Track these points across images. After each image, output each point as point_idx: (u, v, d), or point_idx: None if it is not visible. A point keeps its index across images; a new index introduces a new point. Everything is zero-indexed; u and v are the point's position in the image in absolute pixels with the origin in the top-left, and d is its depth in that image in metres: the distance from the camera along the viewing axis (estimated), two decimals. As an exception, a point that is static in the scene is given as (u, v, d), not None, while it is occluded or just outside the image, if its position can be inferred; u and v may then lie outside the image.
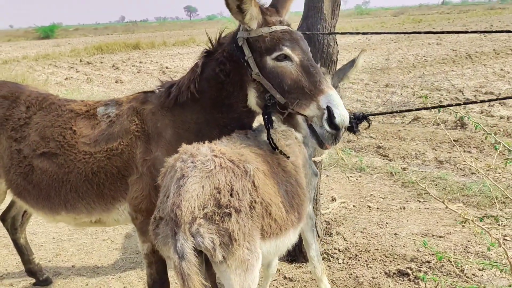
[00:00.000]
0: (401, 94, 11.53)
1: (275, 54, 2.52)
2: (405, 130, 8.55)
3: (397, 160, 6.90)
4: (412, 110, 3.31)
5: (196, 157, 2.40)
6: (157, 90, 3.00)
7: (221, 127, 2.83)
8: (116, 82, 16.88)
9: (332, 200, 5.32)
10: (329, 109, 2.37)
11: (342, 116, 2.36)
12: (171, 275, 2.90)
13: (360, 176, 6.26)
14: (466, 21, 38.43)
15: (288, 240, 2.76)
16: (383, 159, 7.03)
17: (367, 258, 4.10)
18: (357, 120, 2.84)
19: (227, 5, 2.55)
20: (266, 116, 2.64)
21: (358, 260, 4.09)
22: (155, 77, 16.95)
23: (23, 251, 4.07)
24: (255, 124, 3.07)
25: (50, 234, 5.23)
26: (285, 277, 4.02)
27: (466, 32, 2.67)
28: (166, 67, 19.85)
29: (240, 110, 2.78)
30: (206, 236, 2.23)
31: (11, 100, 3.26)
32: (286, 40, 2.52)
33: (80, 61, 24.89)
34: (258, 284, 3.95)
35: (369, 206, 5.14)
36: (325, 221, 4.79)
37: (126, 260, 4.59)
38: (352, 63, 3.39)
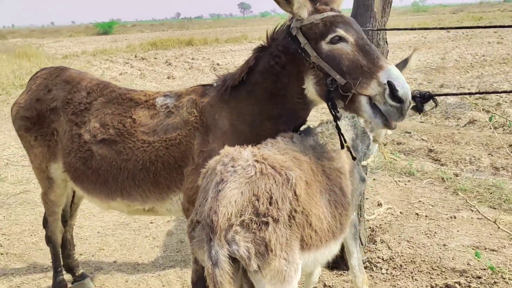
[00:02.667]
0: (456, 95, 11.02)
1: (329, 37, 2.53)
2: (459, 133, 8.15)
3: (449, 165, 6.58)
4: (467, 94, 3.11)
5: (237, 162, 2.34)
6: (215, 84, 3.03)
7: (275, 118, 2.83)
8: (168, 78, 17.15)
9: (378, 205, 5.12)
10: (389, 83, 2.35)
11: (404, 88, 2.34)
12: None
13: (409, 181, 6.00)
14: (531, 18, 36.46)
15: (329, 252, 2.66)
16: (435, 163, 6.72)
17: (413, 269, 3.89)
18: (422, 99, 2.80)
19: None
20: (329, 103, 2.59)
21: (403, 271, 3.89)
22: (206, 74, 17.12)
23: (66, 245, 4.10)
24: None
25: (96, 228, 5.33)
26: (325, 285, 3.89)
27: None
28: (218, 64, 19.98)
29: (295, 101, 2.77)
30: (241, 244, 2.17)
31: (72, 85, 3.35)
32: (339, 23, 2.54)
33: (135, 56, 25.52)
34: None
35: (417, 214, 4.89)
36: (369, 227, 4.60)
37: (166, 258, 4.60)
38: (404, 62, 3.23)
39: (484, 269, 3.79)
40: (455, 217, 4.77)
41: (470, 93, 3.62)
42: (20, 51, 22.07)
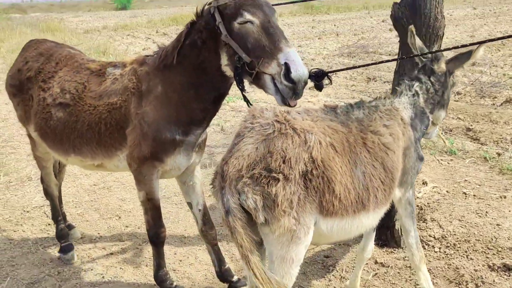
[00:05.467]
0: (490, 73, 10.77)
1: (239, 19, 2.74)
2: (497, 112, 7.98)
3: (490, 145, 6.46)
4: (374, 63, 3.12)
5: (257, 119, 2.45)
6: (154, 55, 3.30)
7: (197, 87, 3.06)
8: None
9: (423, 184, 5.04)
10: (286, 65, 2.55)
11: (298, 70, 2.53)
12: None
13: (452, 160, 5.91)
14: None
15: (359, 224, 2.67)
16: (475, 143, 6.59)
17: (467, 248, 3.85)
18: (317, 77, 2.92)
19: None
20: (237, 78, 2.83)
21: (457, 250, 3.85)
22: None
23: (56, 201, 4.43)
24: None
25: (137, 201, 5.33)
26: (376, 262, 3.88)
27: None
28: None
29: (214, 73, 2.99)
30: (250, 196, 2.28)
31: (46, 57, 3.79)
32: (247, 5, 2.74)
33: (157, 32, 25.35)
34: (352, 266, 3.85)
35: (464, 193, 4.82)
36: (418, 205, 4.55)
37: (211, 232, 4.60)
38: (469, 54, 3.14)
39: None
40: (505, 197, 4.68)
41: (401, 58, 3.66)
42: (44, 25, 22.08)
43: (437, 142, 6.36)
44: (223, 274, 3.72)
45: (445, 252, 3.85)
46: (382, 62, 3.60)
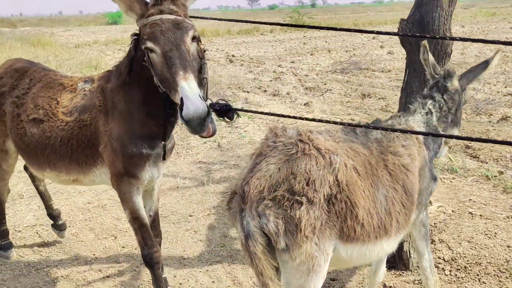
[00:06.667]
0: (484, 91, 10.78)
1: (144, 46, 2.63)
2: (494, 129, 7.96)
3: (490, 163, 6.39)
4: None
5: (279, 138, 2.33)
6: (113, 68, 3.27)
7: (148, 104, 3.01)
8: (184, 69, 16.90)
9: (428, 203, 4.93)
10: (181, 100, 2.43)
11: (189, 109, 2.38)
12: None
13: (454, 178, 5.82)
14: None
15: (380, 250, 2.56)
16: (474, 161, 6.53)
17: (479, 272, 3.73)
18: (220, 112, 2.71)
19: None
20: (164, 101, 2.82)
21: (468, 273, 3.73)
22: (223, 65, 16.91)
23: (43, 197, 4.57)
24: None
25: (134, 221, 5.18)
26: (385, 285, 3.74)
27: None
28: (233, 55, 19.77)
29: (158, 92, 2.82)
30: (271, 219, 2.16)
31: (20, 73, 3.80)
32: (151, 33, 2.58)
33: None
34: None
35: (470, 213, 4.72)
36: (424, 226, 4.43)
37: (211, 253, 4.45)
38: (485, 64, 3.09)
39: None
40: (512, 217, 4.60)
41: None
42: (35, 39, 21.87)
43: (438, 160, 6.27)
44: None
45: (456, 275, 3.73)
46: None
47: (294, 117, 2.69)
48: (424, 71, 3.80)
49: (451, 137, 2.87)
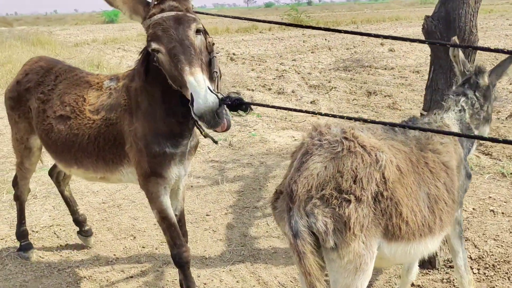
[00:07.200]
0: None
1: (150, 48, 2.60)
2: (504, 126, 7.96)
3: (504, 160, 6.38)
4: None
5: (325, 136, 2.31)
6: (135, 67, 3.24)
7: (168, 102, 2.99)
8: (185, 67, 16.83)
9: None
10: (191, 97, 2.41)
11: (199, 104, 2.35)
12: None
13: (470, 175, 5.80)
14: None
15: (424, 248, 2.53)
16: (488, 158, 6.52)
17: (507, 270, 3.71)
18: (232, 106, 2.50)
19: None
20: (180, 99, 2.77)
21: (497, 272, 3.70)
22: (224, 63, 16.86)
23: (69, 203, 4.56)
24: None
25: (151, 220, 5.13)
26: (413, 284, 3.70)
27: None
28: (233, 54, 19.70)
29: (175, 89, 2.81)
30: (319, 218, 2.14)
31: (45, 70, 3.81)
32: (154, 33, 2.55)
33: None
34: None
35: (492, 211, 4.70)
36: (446, 224, 4.41)
37: (233, 253, 4.41)
38: (510, 58, 3.05)
39: None
40: (534, 214, 4.58)
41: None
42: (34, 38, 21.75)
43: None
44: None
45: (484, 273, 3.70)
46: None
47: (307, 112, 2.57)
48: (450, 68, 3.80)
49: (476, 137, 2.85)
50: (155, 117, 3.07)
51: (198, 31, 2.63)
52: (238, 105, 2.51)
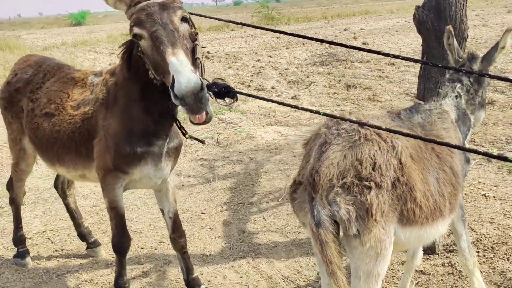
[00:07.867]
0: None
1: (132, 34, 2.55)
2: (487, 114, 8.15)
3: (487, 146, 6.54)
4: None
5: (342, 125, 2.35)
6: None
7: (144, 100, 2.96)
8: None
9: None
10: (172, 78, 2.28)
11: (180, 83, 2.22)
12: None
13: (457, 162, 5.92)
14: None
15: (436, 232, 2.58)
16: (472, 144, 6.66)
17: (506, 251, 3.81)
18: (218, 94, 2.42)
19: None
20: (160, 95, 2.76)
21: (496, 253, 3.80)
22: (200, 62, 16.72)
23: (74, 215, 4.47)
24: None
25: (145, 221, 5.09)
26: (415, 270, 3.77)
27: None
28: (208, 52, 19.58)
29: (154, 87, 2.82)
30: (342, 206, 2.18)
31: (34, 68, 3.81)
32: (138, 18, 2.50)
33: (119, 46, 24.80)
34: (392, 276, 3.74)
35: (484, 195, 4.82)
36: (441, 210, 4.50)
37: (233, 249, 4.41)
38: (497, 45, 3.13)
39: None
40: (524, 197, 4.71)
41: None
42: (2, 43, 21.18)
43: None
44: (190, 282, 3.66)
45: (484, 255, 3.80)
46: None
47: (306, 110, 2.52)
48: (442, 57, 3.87)
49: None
50: (131, 115, 3.04)
51: (183, 19, 2.56)
52: (225, 93, 2.40)
